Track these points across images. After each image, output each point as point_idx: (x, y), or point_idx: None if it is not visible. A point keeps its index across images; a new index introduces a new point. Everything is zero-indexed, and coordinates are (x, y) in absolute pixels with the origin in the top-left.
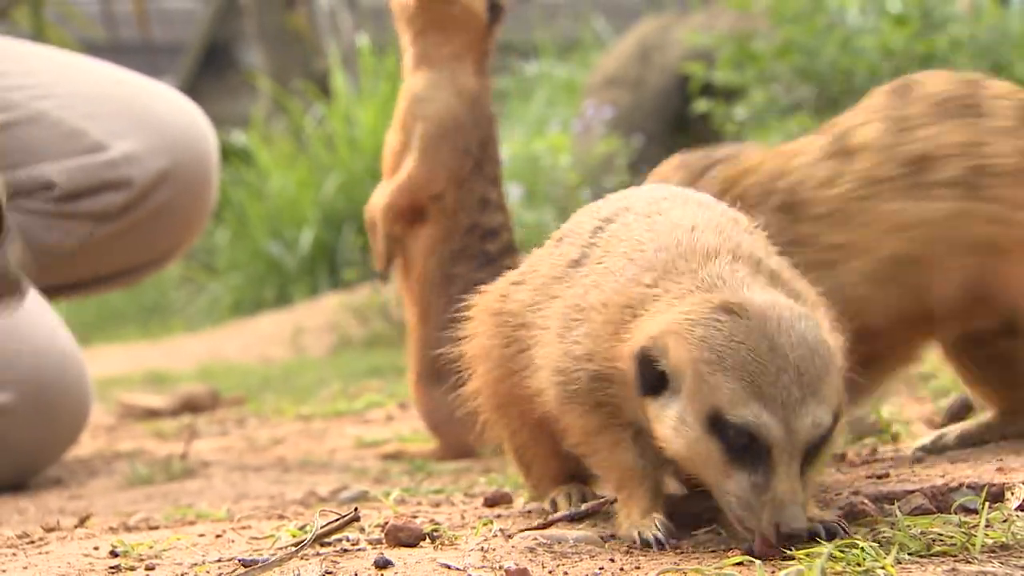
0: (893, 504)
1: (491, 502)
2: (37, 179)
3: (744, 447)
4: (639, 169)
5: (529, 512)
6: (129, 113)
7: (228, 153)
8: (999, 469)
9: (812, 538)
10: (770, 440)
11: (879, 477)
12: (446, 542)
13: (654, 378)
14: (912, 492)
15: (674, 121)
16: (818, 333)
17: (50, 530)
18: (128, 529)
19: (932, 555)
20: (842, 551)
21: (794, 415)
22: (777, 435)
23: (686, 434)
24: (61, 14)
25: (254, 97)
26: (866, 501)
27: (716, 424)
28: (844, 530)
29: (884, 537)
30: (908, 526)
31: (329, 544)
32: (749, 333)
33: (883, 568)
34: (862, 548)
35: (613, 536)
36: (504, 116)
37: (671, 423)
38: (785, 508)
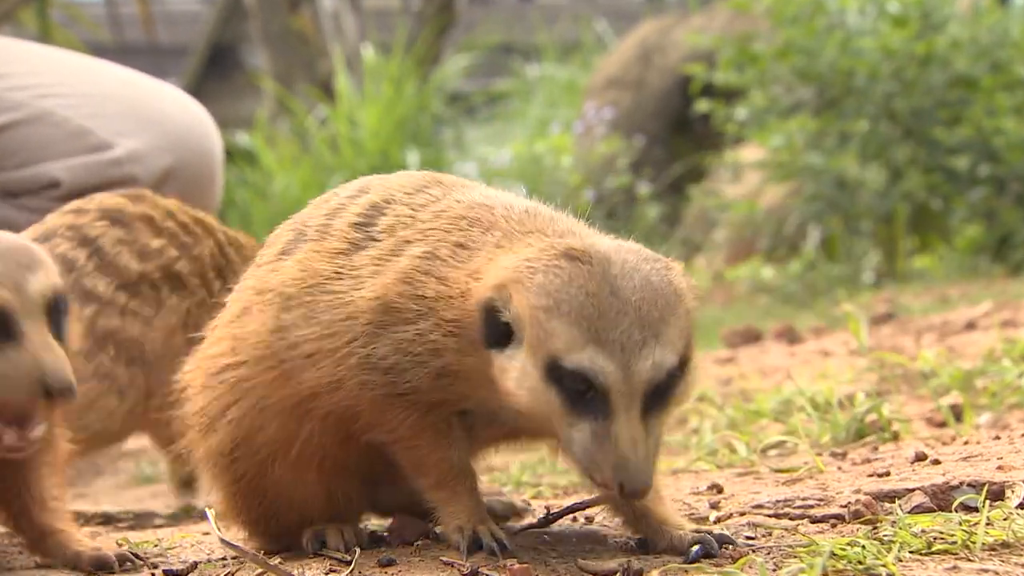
0: (894, 502)
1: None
2: (42, 177)
3: (582, 393)
4: (641, 169)
5: (532, 511)
6: (134, 112)
7: (233, 154)
8: (999, 467)
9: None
10: (607, 384)
11: (880, 475)
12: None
13: (498, 330)
14: (913, 490)
15: (675, 122)
16: (665, 275)
17: None
18: (133, 527)
19: (933, 553)
20: (843, 549)
21: (633, 357)
22: (614, 379)
23: (528, 384)
24: (67, 16)
25: (258, 99)
26: (868, 499)
27: (554, 371)
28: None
29: (885, 535)
30: (909, 524)
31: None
32: (590, 277)
33: (884, 566)
34: (863, 546)
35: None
36: (506, 118)
37: (514, 375)
38: (628, 464)
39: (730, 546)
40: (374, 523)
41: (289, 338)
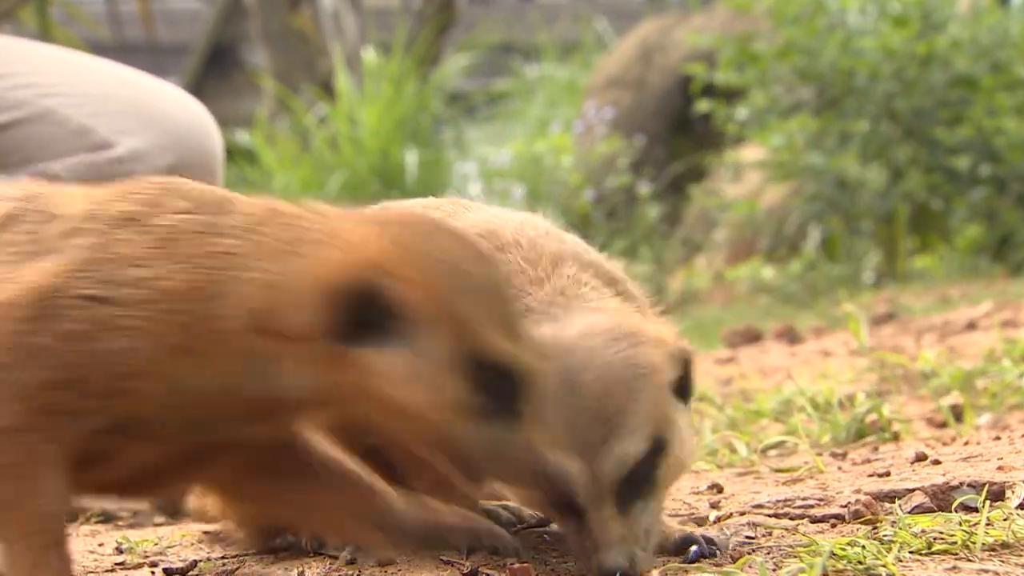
0: (894, 502)
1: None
2: (43, 176)
3: (554, 494)
4: (641, 169)
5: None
6: (135, 111)
7: (232, 153)
8: (1000, 468)
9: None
10: (574, 488)
11: (880, 475)
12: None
13: None
14: (913, 490)
15: (676, 122)
16: (630, 355)
17: None
18: (132, 526)
19: (933, 553)
20: (843, 549)
21: (596, 457)
22: (579, 482)
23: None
24: (67, 14)
25: (258, 97)
26: (868, 499)
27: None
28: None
29: (885, 535)
30: (909, 524)
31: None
32: (551, 378)
33: (884, 566)
34: (863, 546)
35: None
36: (506, 117)
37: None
38: (600, 551)
39: (715, 546)
40: None
41: None
